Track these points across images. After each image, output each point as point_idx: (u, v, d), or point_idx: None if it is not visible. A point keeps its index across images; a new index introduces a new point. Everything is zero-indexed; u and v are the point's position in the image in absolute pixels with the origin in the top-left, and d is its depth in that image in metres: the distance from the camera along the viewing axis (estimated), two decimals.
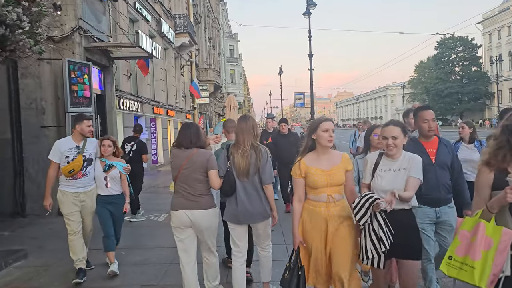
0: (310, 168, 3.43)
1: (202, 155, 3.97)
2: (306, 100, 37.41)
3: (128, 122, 14.84)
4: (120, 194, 5.28)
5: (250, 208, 3.92)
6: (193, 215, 3.91)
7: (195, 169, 3.92)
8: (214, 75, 33.26)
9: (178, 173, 3.96)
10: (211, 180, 3.95)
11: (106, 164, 5.17)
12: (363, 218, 3.12)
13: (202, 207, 3.94)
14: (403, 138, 3.37)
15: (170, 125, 22.46)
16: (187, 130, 4.07)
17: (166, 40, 21.19)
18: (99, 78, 11.78)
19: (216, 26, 49.40)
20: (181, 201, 3.95)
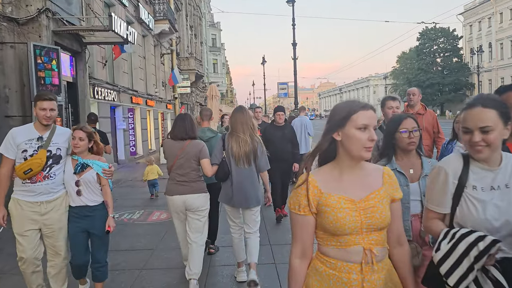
0: (328, 196, 1.84)
1: (195, 145, 4.31)
2: (290, 91, 36.94)
3: (104, 112, 14.10)
4: (98, 205, 3.83)
5: (244, 194, 4.27)
6: (187, 198, 4.28)
7: (189, 158, 4.27)
8: (195, 64, 32.41)
9: (174, 162, 4.31)
10: (204, 168, 4.29)
11: (79, 163, 3.73)
12: (462, 284, 1.75)
13: (195, 191, 4.30)
14: (503, 129, 1.90)
15: (150, 116, 21.69)
16: (182, 122, 4.36)
17: (145, 27, 20.35)
18: (70, 64, 11.02)
19: (198, 14, 48.36)
20: (176, 187, 4.32)
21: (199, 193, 4.34)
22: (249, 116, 4.34)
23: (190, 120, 4.42)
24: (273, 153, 5.74)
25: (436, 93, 73.23)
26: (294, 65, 26.25)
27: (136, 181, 12.15)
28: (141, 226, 6.99)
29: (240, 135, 4.26)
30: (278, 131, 6.93)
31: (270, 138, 6.62)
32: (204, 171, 4.32)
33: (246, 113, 4.39)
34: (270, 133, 6.91)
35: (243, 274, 4.53)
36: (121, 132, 16.22)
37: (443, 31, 72.90)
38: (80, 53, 11.14)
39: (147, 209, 8.25)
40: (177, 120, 4.49)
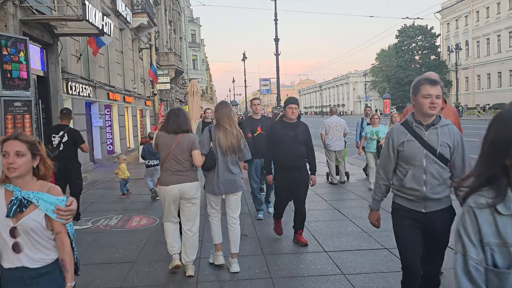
0: None
1: (188, 138, 4.55)
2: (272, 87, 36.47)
3: (79, 109, 13.29)
4: (48, 266, 2.25)
5: (230, 181, 4.63)
6: (183, 187, 4.50)
7: (182, 149, 4.49)
8: (175, 59, 31.58)
9: (168, 154, 4.50)
10: (195, 159, 4.51)
11: (15, 199, 2.16)
12: None
13: (189, 180, 4.54)
14: None
15: (128, 112, 20.85)
16: (177, 118, 4.57)
17: (122, 20, 19.50)
18: (41, 57, 10.24)
19: (177, 9, 47.35)
20: (171, 177, 4.50)
21: (193, 181, 4.60)
22: (232, 110, 4.82)
23: (184, 115, 4.68)
24: (283, 158, 5.34)
25: None
26: (276, 61, 25.78)
27: (114, 181, 11.42)
28: (119, 234, 6.34)
29: (227, 128, 4.61)
30: (290, 130, 5.33)
31: (279, 138, 5.33)
32: (195, 161, 4.55)
33: (230, 107, 4.85)
34: (280, 133, 5.36)
35: (221, 258, 4.80)
36: (97, 130, 15.41)
37: (421, 29, 73.63)
38: (52, 45, 10.36)
39: (126, 213, 7.58)
40: (171, 115, 4.69)
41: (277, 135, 5.38)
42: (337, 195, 8.86)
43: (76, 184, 6.72)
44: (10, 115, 7.99)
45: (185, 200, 4.58)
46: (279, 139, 5.33)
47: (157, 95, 27.49)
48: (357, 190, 9.12)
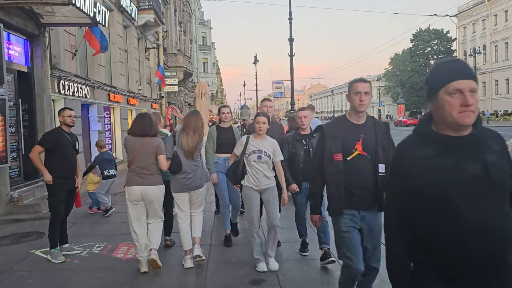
0: None
1: (153, 142, 4.79)
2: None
3: None
4: None
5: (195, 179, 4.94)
6: (145, 189, 4.74)
7: (148, 153, 4.74)
8: (184, 61, 30.27)
9: (134, 157, 4.74)
10: (160, 163, 4.79)
11: None
12: None
13: (152, 183, 4.78)
14: None
15: (132, 116, 19.48)
16: (142, 121, 4.85)
17: (127, 16, 18.18)
18: (25, 50, 8.88)
19: (188, 10, 46.22)
20: (135, 179, 4.75)
21: (155, 184, 4.81)
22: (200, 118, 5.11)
23: (150, 120, 4.87)
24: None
25: None
26: (290, 62, 24.33)
27: (116, 192, 9.98)
28: (97, 272, 4.88)
29: (189, 132, 4.88)
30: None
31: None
32: (160, 165, 4.77)
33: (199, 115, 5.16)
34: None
35: (190, 262, 4.98)
36: (95, 134, 14.04)
37: (437, 33, 72.28)
38: (38, 37, 9.00)
39: (112, 239, 6.11)
40: (137, 119, 4.94)
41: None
42: None
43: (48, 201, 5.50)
44: None
45: (147, 202, 4.84)
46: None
47: (165, 98, 26.20)
48: None
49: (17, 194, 7.64)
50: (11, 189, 7.78)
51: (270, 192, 4.75)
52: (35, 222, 7.16)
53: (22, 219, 7.20)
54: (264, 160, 4.63)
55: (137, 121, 4.91)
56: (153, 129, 4.86)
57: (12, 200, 7.58)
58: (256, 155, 4.61)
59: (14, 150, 8.22)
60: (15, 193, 7.65)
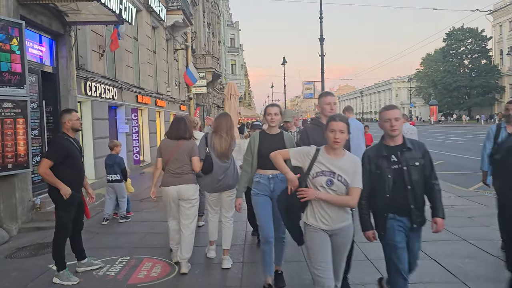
0: None
1: (187, 144, 4.97)
2: None
3: (100, 113, 11.60)
4: None
5: (227, 180, 4.98)
6: (179, 189, 4.89)
7: (182, 154, 4.92)
8: (213, 62, 29.89)
9: (170, 158, 4.93)
10: (194, 164, 4.93)
11: None
12: None
13: (186, 182, 4.91)
14: None
15: (160, 117, 19.20)
16: (178, 125, 5.04)
17: (155, 17, 17.89)
18: (50, 50, 8.54)
19: (216, 12, 46.01)
20: (170, 180, 4.92)
21: (190, 183, 4.92)
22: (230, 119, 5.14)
23: (184, 123, 5.04)
24: None
25: (463, 96, 70.71)
26: (321, 62, 23.60)
27: (140, 199, 9.57)
28: None
29: (222, 134, 4.96)
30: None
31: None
32: (193, 166, 4.92)
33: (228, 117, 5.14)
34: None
35: (213, 252, 5.33)
36: (123, 137, 13.72)
37: (471, 32, 70.04)
38: (63, 36, 8.65)
39: (136, 253, 5.61)
40: (173, 123, 5.11)
41: None
42: None
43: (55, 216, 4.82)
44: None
45: (182, 200, 4.94)
46: None
47: (193, 100, 25.88)
48: None
49: (39, 200, 7.27)
50: (33, 195, 7.42)
51: (345, 235, 3.29)
52: None
53: (44, 227, 6.80)
54: (337, 187, 3.14)
55: (173, 125, 5.10)
56: (188, 132, 5.02)
57: (34, 207, 7.21)
58: (326, 178, 3.15)
59: (38, 154, 7.88)
60: (38, 200, 7.28)
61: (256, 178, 4.23)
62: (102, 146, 11.60)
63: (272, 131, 4.28)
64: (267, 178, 4.18)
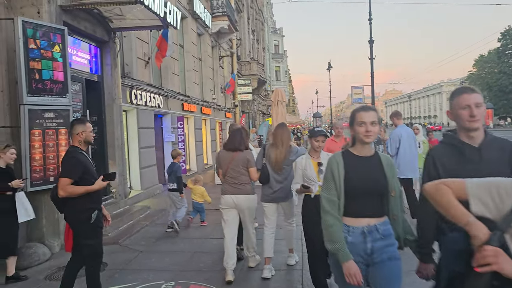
0: None
1: (243, 155, 5.07)
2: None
3: (146, 122, 11.32)
4: None
5: (283, 190, 5.03)
6: (237, 198, 5.02)
7: (238, 165, 5.03)
8: (258, 68, 29.48)
9: (227, 168, 5.07)
10: (251, 175, 5.05)
11: None
12: None
13: (244, 193, 5.03)
14: None
15: (206, 125, 18.89)
16: (234, 138, 5.18)
17: (201, 23, 17.65)
18: (94, 57, 8.27)
19: (260, 19, 45.78)
20: (228, 188, 5.06)
21: (246, 194, 5.05)
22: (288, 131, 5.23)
23: (240, 135, 5.18)
24: None
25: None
26: (371, 65, 22.62)
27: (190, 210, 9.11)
28: None
29: (278, 145, 5.04)
30: None
31: None
32: (251, 176, 5.06)
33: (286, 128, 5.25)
34: None
35: (267, 272, 5.02)
36: (169, 146, 13.42)
37: None
38: (107, 43, 8.37)
39: (181, 277, 5.06)
40: (230, 135, 5.38)
41: None
42: None
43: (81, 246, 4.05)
44: (37, 130, 5.94)
45: (239, 210, 5.07)
46: None
47: (238, 107, 25.53)
48: None
49: None
50: None
51: None
52: None
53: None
54: None
55: (229, 137, 5.31)
56: (243, 144, 5.13)
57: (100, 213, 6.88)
58: None
59: None
60: None
61: (344, 232, 2.60)
62: (148, 156, 11.31)
63: (364, 151, 2.67)
64: (360, 232, 2.57)
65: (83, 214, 3.91)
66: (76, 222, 3.97)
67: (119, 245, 6.49)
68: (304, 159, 4.37)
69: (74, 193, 3.91)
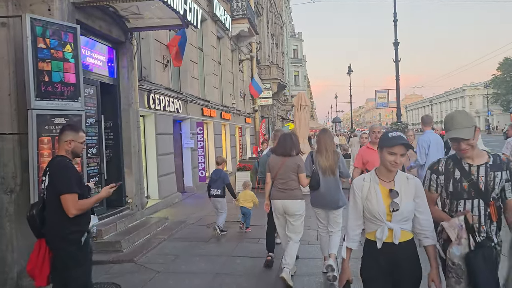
0: None
1: (293, 161, 5.13)
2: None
3: (164, 127, 10.80)
4: None
5: (332, 197, 5.08)
6: (285, 203, 5.06)
7: (287, 170, 5.08)
8: (278, 73, 28.87)
9: (277, 173, 5.14)
10: (301, 180, 5.11)
11: None
12: None
13: (292, 197, 5.06)
14: None
15: (226, 131, 18.34)
16: (284, 142, 5.22)
17: (221, 26, 17.15)
18: (109, 59, 7.78)
19: (279, 23, 45.24)
20: (278, 194, 5.12)
21: (295, 199, 5.07)
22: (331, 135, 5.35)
23: (290, 140, 5.23)
24: None
25: None
26: (396, 69, 21.90)
27: (202, 223, 8.56)
28: None
29: (323, 152, 5.13)
30: None
31: None
32: (301, 182, 5.12)
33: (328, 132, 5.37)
34: None
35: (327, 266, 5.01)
36: (188, 152, 12.89)
37: None
38: (124, 44, 7.87)
39: None
40: (280, 140, 5.32)
41: None
42: None
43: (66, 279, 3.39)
44: (46, 137, 5.42)
45: (288, 215, 5.11)
46: None
47: (258, 112, 24.95)
48: None
49: (96, 229, 6.38)
50: None
51: None
52: (113, 266, 5.81)
53: (99, 261, 5.84)
54: None
55: (280, 142, 5.28)
56: (294, 149, 5.17)
57: (90, 236, 6.34)
58: None
59: (96, 175, 7.06)
60: (94, 228, 6.39)
61: None
62: (166, 163, 10.78)
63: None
64: None
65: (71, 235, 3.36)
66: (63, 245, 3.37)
67: (134, 263, 5.91)
68: (367, 181, 2.82)
69: (84, 208, 3.41)
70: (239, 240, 7.06)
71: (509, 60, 75.37)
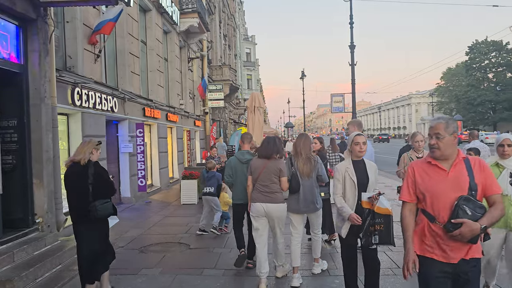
0: None
1: (275, 164, 5.09)
2: None
3: (94, 129, 9.12)
4: None
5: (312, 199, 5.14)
6: (267, 207, 5.03)
7: (269, 173, 5.05)
8: (230, 74, 27.54)
9: (258, 176, 5.08)
10: (282, 184, 5.09)
11: None
12: None
13: (273, 201, 5.04)
14: None
15: (172, 134, 16.73)
16: (267, 145, 5.16)
17: (167, 19, 15.60)
18: (16, 40, 6.11)
19: (232, 24, 44.07)
20: (259, 196, 5.07)
21: (276, 202, 5.04)
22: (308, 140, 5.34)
23: (274, 143, 5.18)
24: None
25: (488, 111, 67.79)
26: (351, 72, 21.16)
27: (133, 249, 7.01)
28: None
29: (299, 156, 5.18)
30: None
31: None
32: (282, 186, 5.09)
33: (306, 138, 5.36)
34: None
35: (296, 280, 5.03)
36: (126, 158, 11.24)
37: (495, 45, 68.07)
38: (34, 22, 6.22)
39: None
40: (263, 142, 5.33)
41: None
42: None
43: None
44: None
45: (270, 219, 5.09)
46: None
47: (209, 114, 23.47)
48: None
49: None
50: None
51: None
52: None
53: None
54: None
55: (263, 144, 5.27)
56: (278, 152, 5.15)
57: None
58: None
59: None
60: None
61: None
62: None
63: None
64: None
65: None
66: None
67: None
68: None
69: None
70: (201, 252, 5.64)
71: (451, 70, 78.59)
